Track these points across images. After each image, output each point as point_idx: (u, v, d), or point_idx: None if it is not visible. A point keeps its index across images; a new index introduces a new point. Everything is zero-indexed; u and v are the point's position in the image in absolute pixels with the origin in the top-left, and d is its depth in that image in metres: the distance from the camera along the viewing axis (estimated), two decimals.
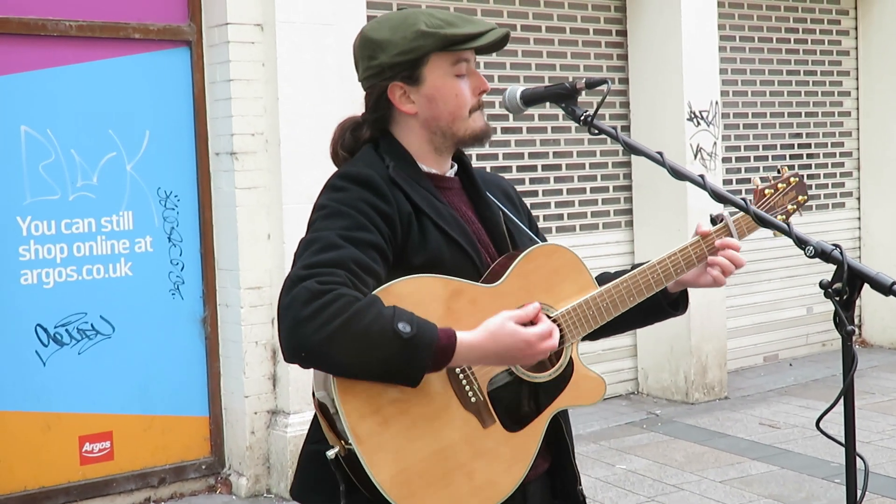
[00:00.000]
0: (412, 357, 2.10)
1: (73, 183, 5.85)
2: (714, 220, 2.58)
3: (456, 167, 2.52)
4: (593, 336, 2.54)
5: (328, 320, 2.06)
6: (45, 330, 5.78)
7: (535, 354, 2.25)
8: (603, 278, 2.53)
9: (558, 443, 2.47)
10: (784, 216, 2.69)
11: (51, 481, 5.79)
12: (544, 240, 2.56)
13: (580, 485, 2.51)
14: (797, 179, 2.73)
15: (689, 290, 2.67)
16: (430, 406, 2.20)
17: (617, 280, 2.46)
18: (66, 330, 5.83)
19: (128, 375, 6.00)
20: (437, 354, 2.13)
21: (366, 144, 2.43)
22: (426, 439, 2.19)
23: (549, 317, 2.35)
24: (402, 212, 2.28)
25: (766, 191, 2.69)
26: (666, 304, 2.62)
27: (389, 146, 2.40)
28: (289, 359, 2.13)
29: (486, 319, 2.24)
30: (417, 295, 2.20)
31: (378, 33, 2.37)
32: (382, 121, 2.43)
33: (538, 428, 2.34)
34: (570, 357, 2.40)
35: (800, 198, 2.73)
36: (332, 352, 2.08)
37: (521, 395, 2.33)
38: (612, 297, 2.43)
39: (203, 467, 6.26)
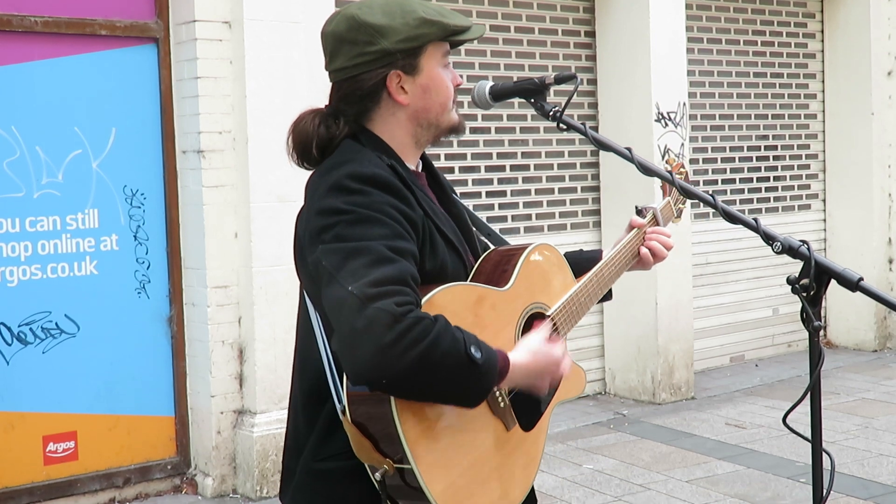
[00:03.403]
0: (480, 382, 2.05)
1: (37, 180, 5.79)
2: (640, 212, 2.72)
3: (421, 163, 2.41)
4: None
5: (411, 346, 1.94)
6: (9, 328, 5.71)
7: (558, 377, 2.25)
8: (568, 258, 2.57)
9: None
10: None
11: (14, 481, 5.72)
12: (487, 231, 2.57)
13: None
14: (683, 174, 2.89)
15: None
16: (468, 416, 2.15)
17: (589, 274, 2.51)
18: (31, 329, 5.77)
19: (93, 375, 5.95)
20: (499, 378, 2.09)
21: (343, 140, 2.26)
22: (465, 448, 2.15)
23: (545, 315, 2.35)
24: (419, 216, 2.18)
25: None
26: None
27: (372, 142, 2.26)
28: (363, 382, 2.00)
29: (500, 323, 2.23)
30: (453, 305, 2.12)
31: (374, 18, 2.21)
32: (362, 114, 2.27)
33: (544, 424, 2.36)
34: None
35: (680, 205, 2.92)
36: (415, 379, 1.97)
37: (531, 393, 2.28)
38: (589, 290, 2.49)
39: (168, 467, 6.21)
